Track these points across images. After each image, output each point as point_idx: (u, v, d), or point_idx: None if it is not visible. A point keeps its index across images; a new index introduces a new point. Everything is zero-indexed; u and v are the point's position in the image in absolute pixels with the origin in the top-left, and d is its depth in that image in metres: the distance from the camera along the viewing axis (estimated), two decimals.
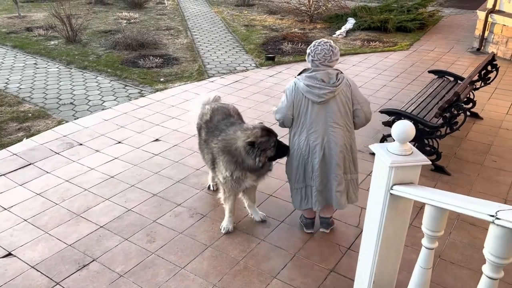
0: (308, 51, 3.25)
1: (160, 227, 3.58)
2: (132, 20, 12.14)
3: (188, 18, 12.90)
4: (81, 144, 5.00)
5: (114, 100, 6.41)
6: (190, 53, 9.01)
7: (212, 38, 10.47)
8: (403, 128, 2.24)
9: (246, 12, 14.00)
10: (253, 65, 8.36)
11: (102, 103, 6.29)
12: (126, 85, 7.03)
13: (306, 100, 3.20)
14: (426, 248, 2.11)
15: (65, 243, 3.39)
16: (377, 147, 2.39)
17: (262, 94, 6.72)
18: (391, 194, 2.30)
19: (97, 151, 4.86)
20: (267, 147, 3.22)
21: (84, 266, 3.16)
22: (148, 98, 6.48)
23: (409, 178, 2.31)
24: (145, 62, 8.11)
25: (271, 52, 9.17)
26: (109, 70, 7.77)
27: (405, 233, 2.52)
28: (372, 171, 2.47)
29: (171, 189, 4.13)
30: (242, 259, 3.23)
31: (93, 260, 3.22)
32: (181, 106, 6.17)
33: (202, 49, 9.46)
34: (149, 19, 12.55)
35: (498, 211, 1.57)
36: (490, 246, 1.62)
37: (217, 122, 3.59)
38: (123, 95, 6.60)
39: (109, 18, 12.40)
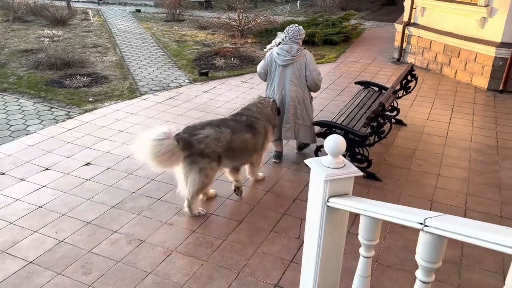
0: (284, 30, 4.77)
1: (96, 257, 3.39)
2: (55, 38, 11.58)
3: (116, 35, 12.56)
4: (3, 174, 4.64)
5: (39, 123, 6.03)
6: (120, 71, 8.75)
7: (143, 55, 10.27)
8: (335, 142, 2.32)
9: (176, 27, 13.91)
10: (187, 81, 8.30)
11: (26, 127, 5.89)
12: (51, 107, 6.66)
13: (275, 63, 4.72)
14: (364, 257, 2.19)
15: None
16: (312, 161, 2.45)
17: (197, 110, 6.67)
18: (328, 206, 2.37)
19: (22, 179, 4.53)
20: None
21: None
22: (76, 119, 6.18)
23: (343, 190, 2.39)
24: (71, 81, 7.74)
25: (204, 67, 9.17)
26: (32, 91, 7.31)
27: (343, 243, 2.59)
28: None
29: (105, 216, 3.94)
30: (186, 283, 3.14)
31: None
32: (113, 126, 5.94)
33: (132, 66, 9.23)
34: (74, 37, 12.04)
35: (426, 218, 1.67)
36: (421, 252, 1.71)
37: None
38: (49, 118, 6.23)
39: (30, 36, 11.74)
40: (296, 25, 4.81)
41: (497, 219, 3.97)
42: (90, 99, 7.03)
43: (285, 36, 4.73)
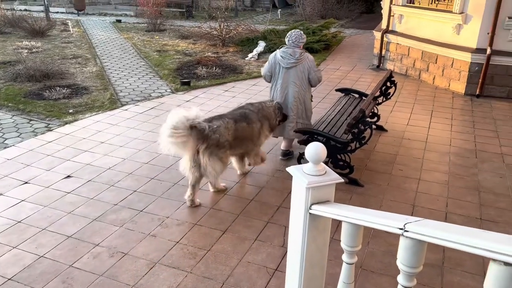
0: (287, 35, 5.05)
1: (77, 272, 3.33)
2: (34, 50, 11.42)
3: (97, 45, 12.46)
4: None
5: (18, 136, 5.91)
6: (101, 82, 8.67)
7: (124, 65, 10.20)
8: (316, 150, 2.33)
9: (157, 37, 13.88)
10: (169, 90, 8.26)
11: (4, 141, 5.78)
12: (30, 120, 6.54)
13: (279, 65, 5.02)
14: (347, 263, 2.20)
15: None
16: (294, 169, 2.46)
17: None
18: (310, 214, 2.38)
19: (0, 194, 4.43)
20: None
21: None
22: (56, 132, 6.08)
23: (325, 197, 2.41)
24: (51, 93, 7.63)
25: (186, 76, 9.15)
26: (10, 104, 7.18)
27: (327, 250, 2.60)
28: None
29: (87, 229, 3.88)
30: None
31: None
32: (93, 138, 5.87)
33: (113, 76, 9.16)
34: (53, 48, 11.90)
35: (406, 223, 1.69)
36: (402, 257, 1.73)
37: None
38: (28, 131, 6.12)
39: (8, 48, 11.56)
40: (298, 30, 5.13)
41: (477, 222, 4.04)
42: (70, 111, 6.94)
43: (288, 40, 5.01)
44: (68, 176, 4.83)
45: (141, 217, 4.06)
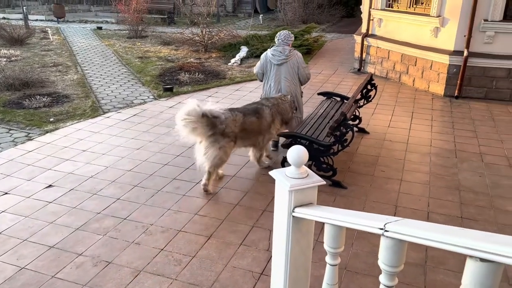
0: (276, 35, 5.41)
1: (60, 283, 3.28)
2: (13, 58, 11.25)
3: (77, 53, 12.33)
4: None
5: None
6: (82, 89, 8.58)
7: (105, 72, 10.12)
8: (297, 153, 2.35)
9: (139, 44, 13.81)
10: (151, 97, 8.22)
11: None
12: (10, 129, 6.43)
13: (270, 63, 5.35)
14: (330, 265, 2.22)
15: None
16: (276, 173, 2.48)
17: (162, 126, 6.61)
18: (293, 216, 2.40)
19: None
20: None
21: None
22: (37, 141, 5.99)
23: (308, 199, 2.43)
24: (31, 102, 7.53)
25: (169, 83, 9.12)
26: None
27: (311, 252, 2.62)
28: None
29: (70, 238, 3.82)
30: None
31: None
32: (75, 146, 5.80)
33: (94, 84, 9.08)
34: (33, 56, 11.74)
35: (386, 223, 1.72)
36: (383, 257, 1.76)
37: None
38: (8, 140, 6.01)
39: None
40: (286, 30, 5.54)
41: (458, 220, 4.12)
42: (51, 119, 6.85)
43: (278, 39, 5.38)
44: (50, 186, 4.76)
45: (124, 225, 4.03)
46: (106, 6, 22.99)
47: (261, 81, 5.61)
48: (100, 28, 17.12)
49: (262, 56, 5.48)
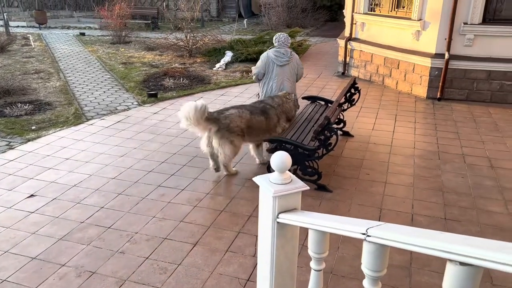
0: (275, 38, 5.70)
1: None
2: None
3: (60, 59, 12.19)
4: None
5: None
6: (65, 96, 8.48)
7: (88, 79, 10.01)
8: (281, 159, 2.36)
9: (123, 49, 13.71)
10: (135, 103, 8.16)
11: None
12: None
13: (272, 63, 5.58)
14: (315, 270, 2.23)
15: None
16: (260, 179, 2.47)
17: (147, 133, 6.57)
18: (278, 222, 2.39)
19: None
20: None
21: None
22: (18, 149, 5.89)
23: (292, 205, 2.43)
24: (12, 110, 7.40)
25: (153, 88, 9.06)
26: None
27: (296, 258, 2.62)
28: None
29: (52, 249, 3.76)
30: None
31: None
32: (58, 154, 5.72)
33: (77, 90, 8.97)
34: (14, 63, 11.57)
35: (368, 228, 1.73)
36: (366, 262, 1.77)
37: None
38: None
39: None
40: (283, 33, 5.85)
41: (441, 222, 4.16)
42: (33, 128, 6.74)
43: (278, 41, 5.66)
44: (32, 195, 4.68)
45: (109, 234, 3.97)
46: (89, 12, 22.79)
47: (259, 80, 5.78)
48: (83, 34, 16.96)
49: (263, 57, 5.65)
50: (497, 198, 4.62)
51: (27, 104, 7.78)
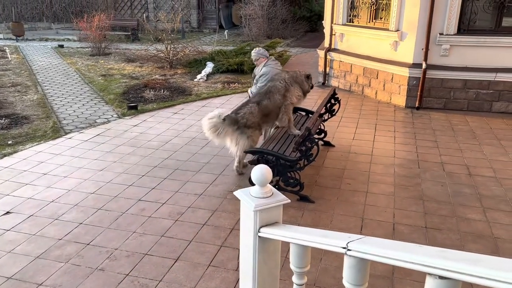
0: (262, 53, 6.18)
1: None
2: None
3: (37, 72, 11.99)
4: None
5: None
6: (42, 110, 8.32)
7: (67, 91, 9.86)
8: (261, 172, 2.34)
9: (102, 61, 13.58)
10: (115, 116, 8.06)
11: None
12: None
13: (273, 69, 5.94)
14: (297, 285, 2.21)
15: None
16: (241, 193, 2.45)
17: (127, 146, 6.48)
18: (259, 237, 2.37)
19: None
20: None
21: None
22: None
23: (273, 219, 2.41)
24: None
25: (133, 100, 8.98)
26: None
27: (278, 272, 2.60)
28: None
29: (29, 268, 3.65)
30: None
31: None
32: (35, 169, 5.59)
33: (56, 104, 8.82)
34: None
35: (348, 242, 1.72)
36: (347, 276, 1.76)
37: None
38: None
39: None
40: (258, 47, 6.45)
41: (422, 230, 4.20)
42: (10, 142, 6.58)
43: (262, 54, 6.17)
44: (8, 212, 4.55)
45: (88, 251, 3.88)
46: (67, 24, 22.50)
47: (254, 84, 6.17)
48: (61, 46, 16.73)
49: (267, 70, 5.95)
50: (476, 205, 4.70)
51: (3, 118, 7.61)
